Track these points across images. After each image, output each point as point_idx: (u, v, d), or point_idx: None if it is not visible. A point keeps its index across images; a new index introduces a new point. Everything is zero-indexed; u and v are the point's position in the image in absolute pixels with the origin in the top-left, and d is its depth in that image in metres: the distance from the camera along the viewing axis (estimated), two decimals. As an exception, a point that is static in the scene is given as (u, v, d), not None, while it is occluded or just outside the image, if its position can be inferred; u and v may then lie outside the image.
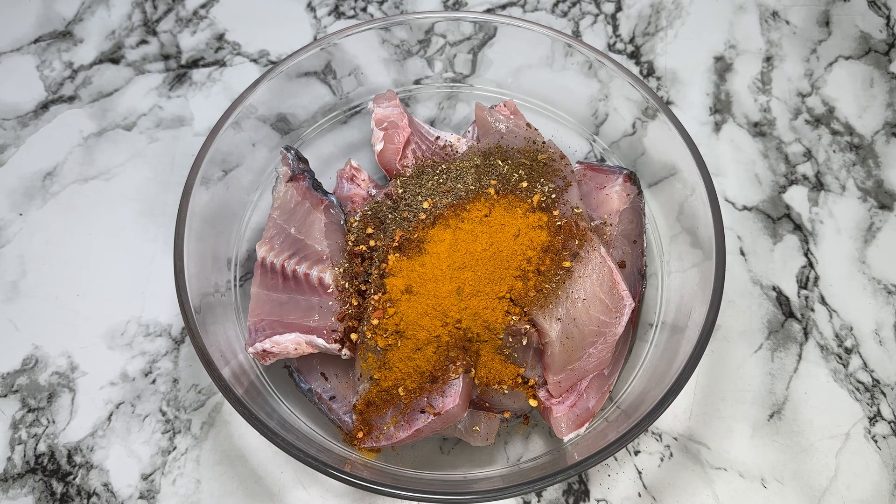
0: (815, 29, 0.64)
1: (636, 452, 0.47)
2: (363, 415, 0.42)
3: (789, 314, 0.52)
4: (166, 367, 0.49)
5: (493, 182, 0.46)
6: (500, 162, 0.48)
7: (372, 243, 0.46)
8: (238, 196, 0.51)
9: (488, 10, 0.65)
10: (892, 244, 0.55)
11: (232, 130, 0.48)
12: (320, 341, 0.43)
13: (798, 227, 0.55)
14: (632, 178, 0.50)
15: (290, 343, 0.43)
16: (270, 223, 0.49)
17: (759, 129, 0.59)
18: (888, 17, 0.65)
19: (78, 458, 0.46)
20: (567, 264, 0.43)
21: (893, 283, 0.53)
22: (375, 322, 0.42)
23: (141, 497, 0.45)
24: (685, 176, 0.47)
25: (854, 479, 0.47)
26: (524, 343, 0.42)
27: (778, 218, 0.56)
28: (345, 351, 0.43)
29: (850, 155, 0.58)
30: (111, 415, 0.48)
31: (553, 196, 0.46)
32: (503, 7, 0.66)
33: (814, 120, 0.60)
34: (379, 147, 0.51)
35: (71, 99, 0.60)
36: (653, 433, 0.48)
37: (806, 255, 0.54)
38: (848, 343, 0.51)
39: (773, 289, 0.53)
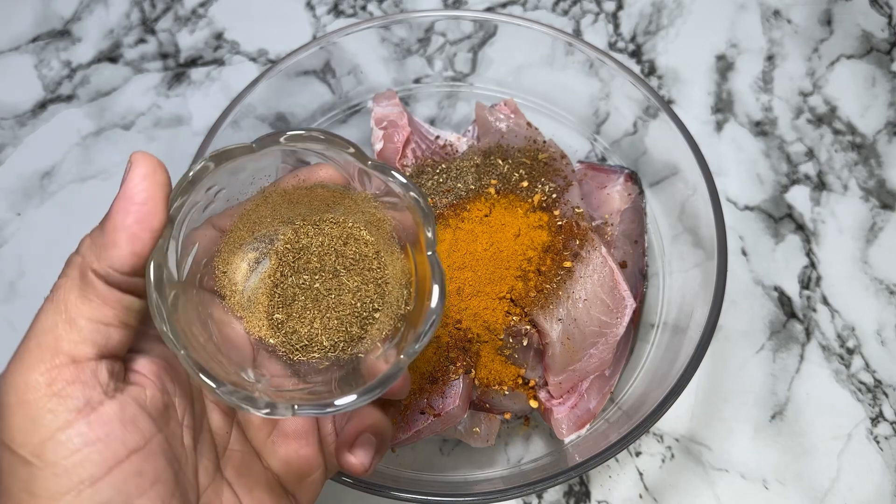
0: (816, 28, 0.64)
1: (637, 454, 0.47)
2: (363, 416, 0.42)
3: (791, 315, 0.52)
4: (165, 367, 0.49)
5: (493, 181, 0.46)
6: (500, 161, 0.47)
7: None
8: (237, 196, 0.50)
9: (488, 9, 0.65)
10: (894, 244, 0.54)
11: (231, 129, 0.48)
12: (319, 342, 0.43)
13: (800, 227, 0.55)
14: (633, 177, 0.49)
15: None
16: (269, 223, 0.48)
17: (761, 129, 0.59)
18: (890, 17, 0.64)
19: (76, 460, 0.46)
20: (568, 264, 0.43)
21: (895, 283, 0.53)
22: (375, 323, 0.42)
23: (139, 498, 0.45)
24: (687, 175, 0.47)
25: (856, 480, 0.47)
26: (525, 344, 0.42)
27: (780, 218, 0.55)
28: (344, 352, 0.43)
29: (852, 154, 0.58)
30: (109, 416, 0.47)
31: (554, 196, 0.46)
32: (503, 6, 0.65)
33: (816, 119, 0.60)
34: (378, 146, 0.51)
35: (69, 98, 0.60)
36: (654, 434, 0.48)
37: (808, 255, 0.54)
38: (850, 344, 0.51)
39: (775, 289, 0.53)
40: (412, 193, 0.29)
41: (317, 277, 0.31)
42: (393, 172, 0.28)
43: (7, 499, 0.23)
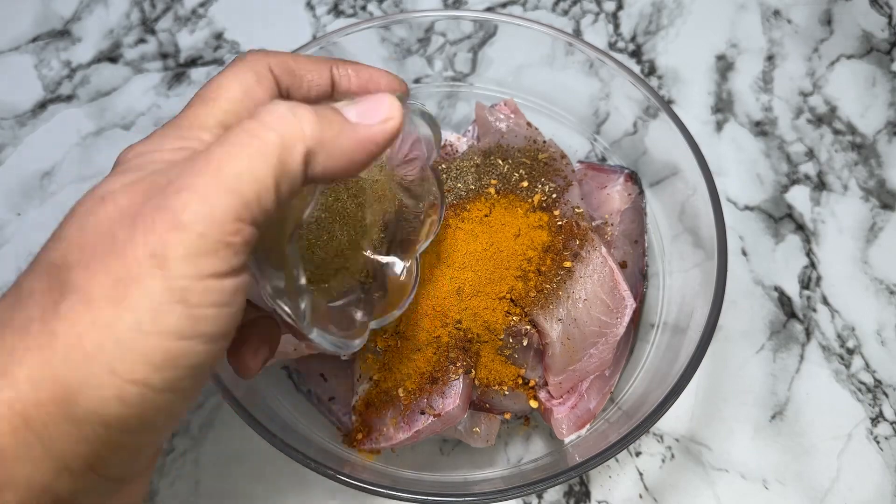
0: (816, 28, 0.64)
1: (637, 454, 0.47)
2: (363, 416, 0.42)
3: (791, 315, 0.52)
4: (165, 367, 0.49)
5: (493, 181, 0.46)
6: (500, 161, 0.47)
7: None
8: (237, 196, 0.50)
9: (488, 9, 0.65)
10: (894, 244, 0.54)
11: (231, 130, 0.48)
12: (319, 342, 0.43)
13: (800, 227, 0.55)
14: (633, 177, 0.49)
15: (289, 344, 0.43)
16: (269, 223, 0.48)
17: (761, 129, 0.59)
18: (890, 17, 0.64)
19: (76, 460, 0.46)
20: (568, 264, 0.43)
21: (895, 283, 0.53)
22: (375, 323, 0.42)
23: (139, 498, 0.45)
24: (687, 175, 0.47)
25: (856, 480, 0.47)
26: (525, 344, 0.42)
27: (780, 218, 0.55)
28: (344, 352, 0.43)
29: (852, 154, 0.58)
30: (109, 416, 0.47)
31: (554, 196, 0.46)
32: (503, 5, 0.65)
33: (816, 119, 0.60)
34: (378, 146, 0.51)
35: (69, 98, 0.60)
36: (654, 434, 0.48)
37: (808, 255, 0.54)
38: (850, 344, 0.51)
39: (775, 289, 0.53)
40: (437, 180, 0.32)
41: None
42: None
43: (126, 310, 0.21)
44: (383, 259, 0.36)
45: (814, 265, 0.54)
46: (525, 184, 0.46)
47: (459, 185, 0.46)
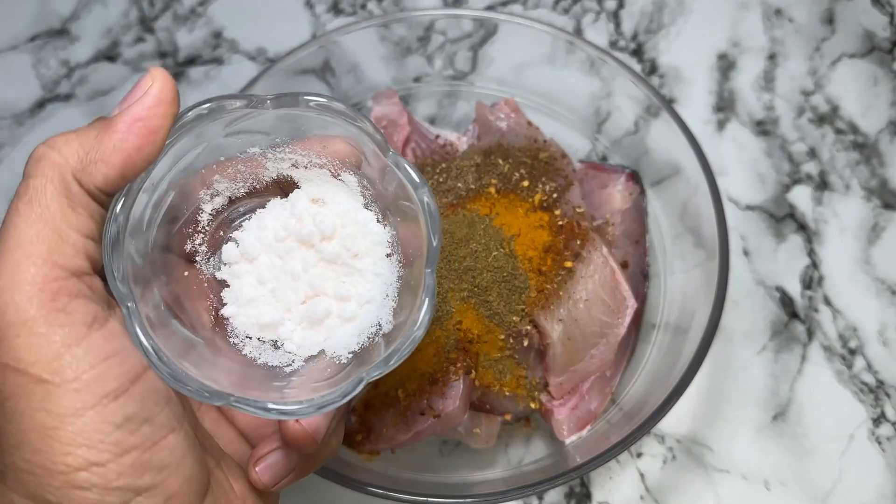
0: (818, 27, 0.64)
1: (638, 454, 0.47)
2: (362, 417, 0.42)
3: (793, 315, 0.52)
4: (163, 368, 0.49)
5: (493, 181, 0.46)
6: (500, 161, 0.47)
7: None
8: (236, 195, 0.50)
9: (489, 8, 0.65)
10: (897, 244, 0.54)
11: (229, 129, 0.48)
12: (319, 342, 0.42)
13: (802, 227, 0.55)
14: (634, 177, 0.49)
15: (289, 344, 0.42)
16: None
17: (763, 128, 0.59)
18: (892, 15, 0.64)
19: (74, 461, 0.46)
20: (569, 265, 0.43)
21: (898, 283, 0.53)
22: (375, 323, 0.42)
23: (137, 500, 0.45)
24: (688, 175, 0.47)
25: (858, 481, 0.46)
26: (525, 344, 0.42)
27: (781, 217, 0.55)
28: (344, 352, 0.43)
29: (854, 154, 0.58)
30: (107, 416, 0.47)
31: (555, 195, 0.46)
32: (504, 4, 0.65)
33: (817, 118, 0.59)
34: (378, 146, 0.51)
35: (67, 97, 0.60)
36: (655, 435, 0.48)
37: (810, 255, 0.54)
38: (852, 344, 0.51)
39: (777, 289, 0.53)
40: (425, 197, 0.27)
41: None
42: (406, 166, 0.27)
43: (21, 421, 0.21)
44: None
45: (816, 265, 0.54)
46: (526, 183, 0.46)
47: (459, 184, 0.46)
